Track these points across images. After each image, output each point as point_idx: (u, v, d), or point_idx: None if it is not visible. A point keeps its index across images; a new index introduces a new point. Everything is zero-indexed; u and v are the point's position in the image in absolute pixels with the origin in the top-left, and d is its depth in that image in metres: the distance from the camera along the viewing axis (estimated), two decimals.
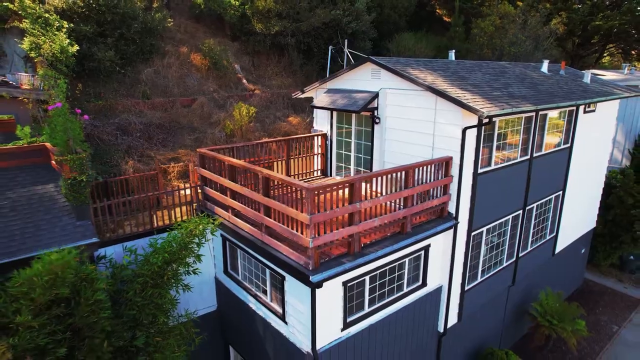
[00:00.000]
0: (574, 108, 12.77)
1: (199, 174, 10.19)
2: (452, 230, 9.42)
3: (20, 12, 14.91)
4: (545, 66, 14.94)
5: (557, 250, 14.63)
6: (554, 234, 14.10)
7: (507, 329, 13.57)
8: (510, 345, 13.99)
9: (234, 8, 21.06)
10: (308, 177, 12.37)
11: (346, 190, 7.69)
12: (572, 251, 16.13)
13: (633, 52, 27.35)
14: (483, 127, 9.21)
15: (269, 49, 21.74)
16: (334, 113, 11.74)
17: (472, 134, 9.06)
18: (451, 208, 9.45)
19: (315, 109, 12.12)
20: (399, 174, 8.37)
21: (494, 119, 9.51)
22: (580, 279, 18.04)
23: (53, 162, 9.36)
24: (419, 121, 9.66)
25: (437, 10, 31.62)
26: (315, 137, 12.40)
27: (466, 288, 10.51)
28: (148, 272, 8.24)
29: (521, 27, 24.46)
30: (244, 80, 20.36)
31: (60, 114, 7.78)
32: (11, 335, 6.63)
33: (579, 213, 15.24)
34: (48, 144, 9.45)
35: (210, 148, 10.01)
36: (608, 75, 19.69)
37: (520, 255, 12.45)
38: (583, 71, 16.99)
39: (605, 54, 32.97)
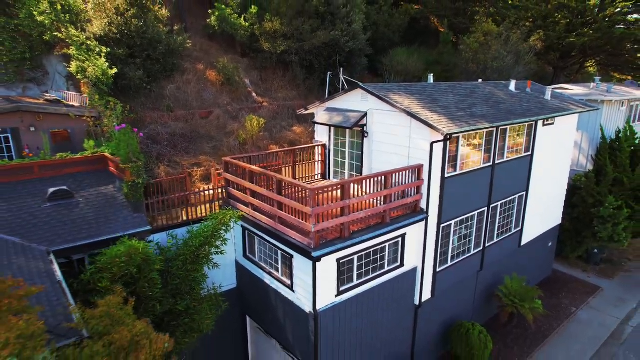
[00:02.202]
0: (533, 122, 15.30)
1: (223, 177, 12.76)
2: (423, 223, 11.97)
3: (67, 40, 17.57)
4: (512, 85, 17.50)
5: (523, 242, 17.14)
6: (519, 228, 16.63)
7: (479, 309, 16.08)
8: (482, 322, 16.49)
9: (244, 29, 23.69)
10: (310, 179, 14.93)
11: (339, 190, 10.26)
12: (539, 244, 18.64)
13: (608, 64, 29.78)
14: (448, 141, 11.75)
15: (275, 65, 24.35)
16: (332, 128, 14.31)
17: (439, 147, 11.62)
18: (423, 204, 11.99)
19: (316, 124, 14.69)
20: (380, 177, 10.94)
21: (457, 134, 12.05)
22: (549, 269, 20.53)
23: (111, 168, 11.96)
24: (398, 136, 12.21)
25: (432, 22, 34.08)
26: (316, 147, 14.98)
27: (438, 270, 13.05)
28: (187, 252, 10.82)
29: (503, 43, 27.01)
30: (254, 94, 22.98)
31: (125, 132, 10.37)
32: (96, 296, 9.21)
33: (543, 211, 17.74)
34: (107, 154, 12.05)
35: (233, 157, 12.60)
36: (575, 90, 22.20)
37: (487, 245, 14.98)
38: (548, 86, 19.52)
39: (588, 65, 35.47)
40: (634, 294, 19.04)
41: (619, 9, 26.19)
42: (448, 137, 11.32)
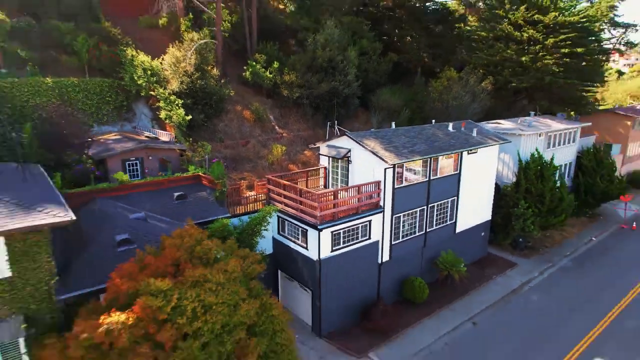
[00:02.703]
0: (459, 152, 24.10)
1: (267, 187, 21.77)
2: (381, 214, 20.83)
3: (157, 96, 26.81)
4: (450, 126, 26.34)
5: (458, 230, 25.85)
6: (453, 220, 25.37)
7: (426, 272, 24.72)
8: (428, 281, 25.07)
9: (269, 79, 32.88)
10: (316, 188, 23.85)
11: (333, 194, 19.21)
12: (473, 233, 27.31)
13: (546, 101, 38.49)
14: (395, 167, 20.61)
15: (291, 105, 33.46)
16: (330, 158, 23.26)
17: (390, 171, 20.50)
18: (382, 203, 20.84)
19: (320, 155, 23.67)
20: (356, 187, 19.86)
21: (399, 163, 20.87)
22: (484, 251, 29.13)
23: (203, 182, 21.00)
24: (367, 164, 21.11)
25: (411, 66, 43.20)
26: (320, 169, 23.95)
27: (392, 243, 21.86)
28: (248, 229, 19.72)
29: (463, 85, 35.97)
30: (276, 127, 32.07)
31: (217, 163, 19.41)
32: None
33: (472, 210, 26.43)
34: (200, 174, 21.09)
35: (272, 175, 21.62)
36: (505, 125, 30.98)
37: (428, 230, 23.77)
38: (482, 122, 28.30)
39: (532, 101, 44.19)
40: (539, 268, 27.63)
41: (546, 62, 35.02)
42: (394, 165, 20.21)
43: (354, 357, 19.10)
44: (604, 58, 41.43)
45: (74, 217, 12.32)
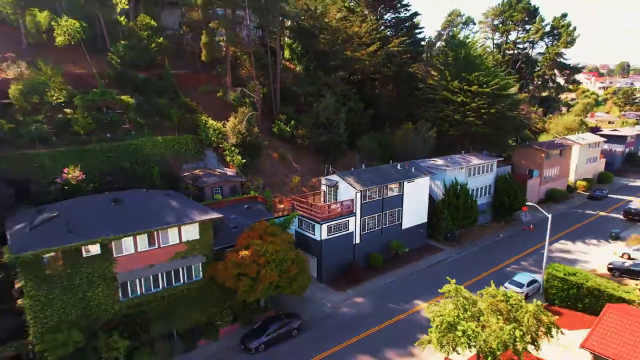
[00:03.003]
0: (400, 182, 41.89)
1: (292, 202, 39.63)
2: (355, 217, 38.59)
3: (223, 147, 44.90)
4: (398, 165, 44.15)
5: (403, 228, 43.53)
6: (400, 221, 43.08)
7: (384, 251, 42.22)
8: (384, 258, 42.46)
9: (288, 132, 50.96)
10: (319, 202, 41.60)
11: (328, 206, 37.08)
12: (415, 229, 44.99)
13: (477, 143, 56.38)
14: (362, 192, 38.37)
15: (303, 148, 51.42)
16: (326, 186, 41.11)
17: (359, 194, 38.32)
18: (355, 211, 38.57)
19: (322, 185, 41.61)
20: (341, 202, 37.69)
21: (364, 190, 38.59)
22: (423, 242, 46.66)
23: (258, 199, 38.87)
24: (348, 189, 38.92)
25: (385, 119, 61.35)
26: (322, 192, 41.83)
27: (362, 233, 39.59)
28: (285, 223, 37.45)
29: (417, 134, 53.98)
30: (293, 163, 49.93)
31: (267, 191, 37.26)
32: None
33: (412, 215, 44.12)
34: (257, 194, 38.96)
35: (294, 196, 39.54)
36: (438, 162, 48.76)
37: (383, 227, 41.48)
38: (419, 160, 46.06)
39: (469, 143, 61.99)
40: (457, 252, 45.10)
41: (470, 119, 53.11)
42: (362, 190, 38.02)
43: (339, 291, 36.64)
44: (514, 112, 59.44)
45: (222, 215, 30.14)
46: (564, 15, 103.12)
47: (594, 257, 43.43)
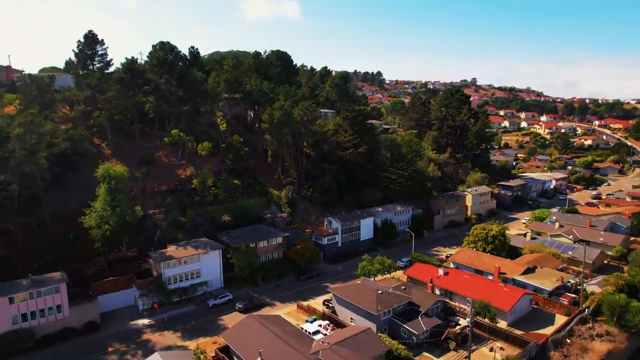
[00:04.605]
0: (359, 220, 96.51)
1: (312, 228, 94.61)
2: (339, 234, 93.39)
3: (281, 205, 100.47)
4: (358, 212, 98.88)
5: (361, 239, 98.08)
6: (359, 237, 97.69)
7: (352, 250, 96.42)
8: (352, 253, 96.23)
9: (309, 195, 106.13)
10: (323, 228, 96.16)
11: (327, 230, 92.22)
12: (367, 241, 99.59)
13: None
14: (342, 223, 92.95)
15: (316, 202, 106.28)
16: (327, 221, 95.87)
17: (340, 225, 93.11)
18: (339, 232, 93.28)
19: (325, 220, 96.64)
20: (333, 228, 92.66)
21: (344, 222, 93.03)
22: (371, 246, 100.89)
23: (298, 227, 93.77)
24: (337, 223, 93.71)
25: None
26: (324, 224, 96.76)
27: (342, 241, 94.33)
28: (307, 237, 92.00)
29: (371, 194, 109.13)
30: (311, 210, 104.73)
31: (302, 226, 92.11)
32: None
33: (364, 233, 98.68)
34: (296, 225, 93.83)
35: (313, 226, 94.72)
36: (380, 209, 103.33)
37: (352, 239, 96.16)
38: (370, 208, 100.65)
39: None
40: (387, 251, 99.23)
41: (397, 187, 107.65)
42: (341, 223, 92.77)
43: (332, 264, 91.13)
44: (428, 184, 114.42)
45: (288, 234, 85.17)
46: (486, 103, 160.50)
47: (447, 253, 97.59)
